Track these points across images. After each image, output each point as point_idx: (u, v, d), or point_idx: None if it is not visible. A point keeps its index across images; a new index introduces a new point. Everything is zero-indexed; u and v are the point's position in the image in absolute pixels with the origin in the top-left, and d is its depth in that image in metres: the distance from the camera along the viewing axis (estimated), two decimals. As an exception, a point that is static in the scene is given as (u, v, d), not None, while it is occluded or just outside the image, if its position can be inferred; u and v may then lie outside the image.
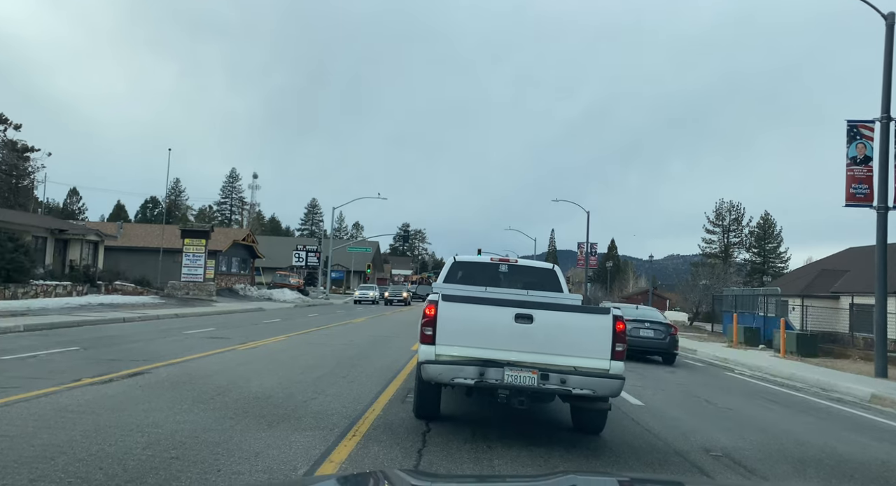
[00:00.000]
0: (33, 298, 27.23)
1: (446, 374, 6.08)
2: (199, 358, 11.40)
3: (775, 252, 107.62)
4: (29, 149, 71.73)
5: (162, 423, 6.14)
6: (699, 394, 11.01)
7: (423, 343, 6.28)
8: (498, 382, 5.97)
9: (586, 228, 46.90)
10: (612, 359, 6.04)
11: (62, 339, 13.76)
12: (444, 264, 9.23)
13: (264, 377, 9.43)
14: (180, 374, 9.42)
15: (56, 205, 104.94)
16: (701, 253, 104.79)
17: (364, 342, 16.40)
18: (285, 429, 6.16)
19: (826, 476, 6.06)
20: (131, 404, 7.02)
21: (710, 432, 7.67)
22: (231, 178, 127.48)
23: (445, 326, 6.19)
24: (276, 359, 11.88)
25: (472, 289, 7.88)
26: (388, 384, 9.42)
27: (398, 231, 62.86)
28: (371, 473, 2.60)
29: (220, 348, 13.23)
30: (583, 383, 5.94)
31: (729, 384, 13.03)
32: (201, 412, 6.73)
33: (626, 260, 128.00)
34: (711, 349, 20.72)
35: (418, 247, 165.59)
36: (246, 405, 7.19)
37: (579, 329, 6.19)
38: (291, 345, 15.02)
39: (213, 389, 8.17)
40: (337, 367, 11.04)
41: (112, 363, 10.11)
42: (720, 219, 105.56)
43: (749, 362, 17.19)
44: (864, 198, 15.23)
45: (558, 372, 5.96)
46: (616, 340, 6.06)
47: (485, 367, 6.01)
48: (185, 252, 35.77)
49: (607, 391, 6.03)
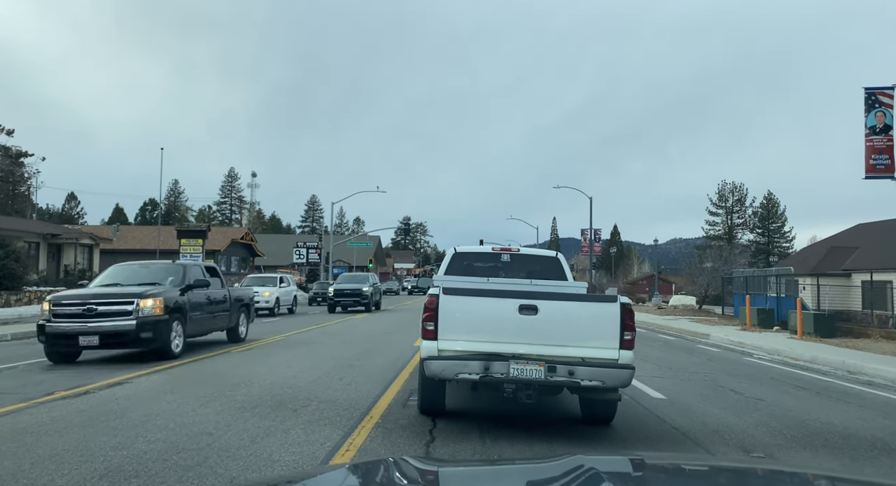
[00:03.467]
0: (27, 305, 26.58)
1: (450, 370, 5.82)
2: (182, 365, 10.69)
3: (780, 232, 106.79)
4: (23, 154, 71.04)
5: (130, 444, 5.43)
6: (723, 383, 10.29)
7: (424, 339, 6.02)
8: (504, 376, 5.72)
9: (589, 214, 46.12)
10: (621, 348, 5.84)
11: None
12: (445, 256, 8.84)
13: (253, 386, 8.72)
14: (162, 383, 8.74)
15: (55, 210, 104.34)
16: (705, 236, 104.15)
17: (363, 339, 15.69)
18: (273, 443, 5.45)
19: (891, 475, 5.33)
20: (101, 420, 6.31)
21: (745, 428, 6.93)
22: (230, 177, 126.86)
23: (447, 320, 5.95)
24: (266, 363, 11.17)
25: (474, 280, 7.59)
26: (389, 386, 8.71)
27: (399, 225, 62.06)
28: (382, 460, 2.55)
29: (213, 353, 12.54)
30: (591, 374, 5.69)
31: (751, 371, 12.30)
32: (175, 430, 6.01)
33: (629, 246, 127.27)
34: (724, 333, 19.99)
35: (420, 240, 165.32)
36: (230, 418, 6.48)
37: (586, 319, 5.98)
38: (287, 345, 14.34)
39: (195, 400, 7.46)
40: (334, 369, 10.33)
41: (91, 374, 9.43)
42: (723, 200, 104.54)
43: (766, 346, 16.46)
44: (885, 169, 14.45)
45: (566, 364, 5.72)
46: (624, 328, 5.86)
47: (489, 361, 5.75)
48: (182, 253, 34.96)
49: (617, 382, 5.77)
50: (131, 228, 57.58)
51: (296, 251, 62.20)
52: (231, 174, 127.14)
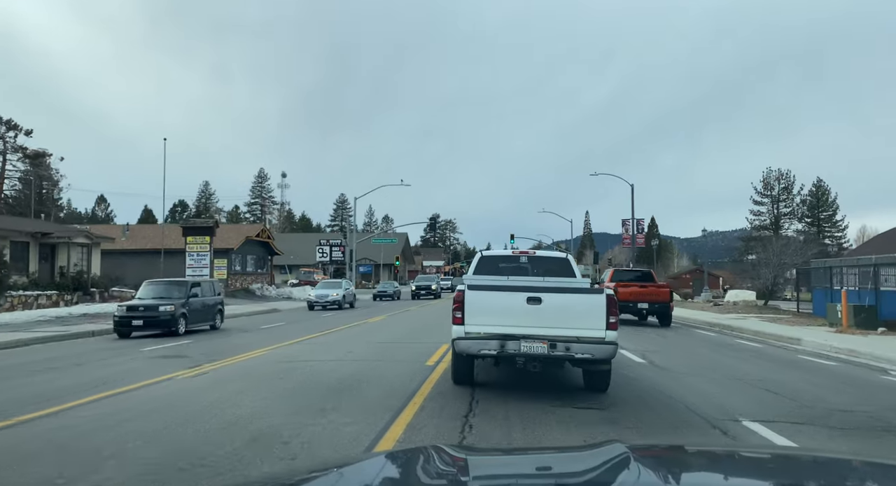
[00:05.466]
0: (8, 311, 23.84)
1: (474, 347, 7.54)
2: (120, 394, 7.51)
3: (831, 221, 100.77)
4: (42, 154, 69.66)
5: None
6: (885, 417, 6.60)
7: (454, 324, 7.65)
8: (515, 351, 7.41)
9: (631, 203, 42.02)
10: (607, 329, 7.41)
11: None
12: (473, 259, 10.50)
13: (182, 431, 5.39)
14: (58, 429, 5.52)
15: (86, 213, 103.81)
16: (749, 226, 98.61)
17: (368, 353, 12.29)
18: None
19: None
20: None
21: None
22: (260, 177, 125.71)
23: (471, 309, 7.57)
24: (237, 388, 7.87)
25: (497, 279, 8.79)
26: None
27: (427, 221, 57.58)
28: (420, 448, 2.55)
29: (168, 374, 9.38)
30: (584, 349, 7.33)
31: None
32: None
33: (666, 239, 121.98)
34: (819, 337, 16.03)
35: (449, 237, 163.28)
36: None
37: (580, 307, 7.55)
38: (268, 361, 11.05)
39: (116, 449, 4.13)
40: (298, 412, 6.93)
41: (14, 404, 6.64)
42: (768, 188, 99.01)
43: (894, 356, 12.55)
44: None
45: (564, 341, 7.35)
46: (609, 314, 7.40)
47: (504, 340, 7.42)
48: (189, 251, 32.12)
49: (604, 355, 7.40)
50: (141, 226, 55.17)
51: (318, 249, 59.40)
52: (261, 175, 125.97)
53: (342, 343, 14.29)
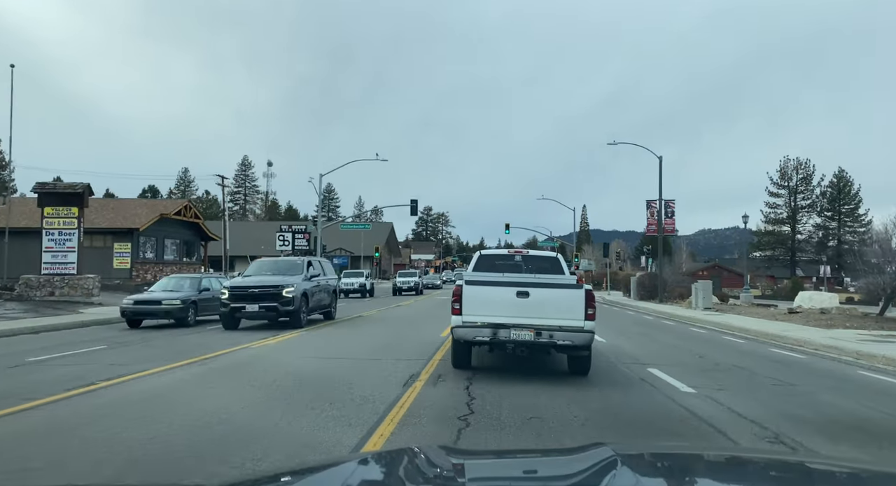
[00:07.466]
0: None
1: (470, 334, 8.99)
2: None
3: (852, 215, 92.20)
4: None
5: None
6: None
7: (453, 314, 9.08)
8: (506, 338, 8.86)
9: (659, 179, 32.99)
10: (585, 319, 8.79)
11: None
12: (473, 257, 11.63)
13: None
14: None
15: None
16: (762, 219, 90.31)
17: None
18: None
19: None
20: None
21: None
22: (244, 165, 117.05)
23: (468, 301, 9.00)
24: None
25: (492, 275, 9.79)
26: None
27: (409, 203, 48.24)
28: (407, 449, 2.55)
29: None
30: (565, 336, 8.76)
31: None
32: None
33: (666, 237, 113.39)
34: None
35: (442, 231, 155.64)
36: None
37: (562, 300, 8.92)
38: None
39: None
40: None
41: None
42: (785, 179, 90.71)
43: None
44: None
45: (548, 330, 8.77)
46: (587, 306, 8.82)
47: (496, 329, 8.84)
48: (47, 229, 22.76)
49: (582, 342, 8.82)
50: (25, 200, 45.35)
51: (279, 236, 50.03)
52: (245, 162, 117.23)
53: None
